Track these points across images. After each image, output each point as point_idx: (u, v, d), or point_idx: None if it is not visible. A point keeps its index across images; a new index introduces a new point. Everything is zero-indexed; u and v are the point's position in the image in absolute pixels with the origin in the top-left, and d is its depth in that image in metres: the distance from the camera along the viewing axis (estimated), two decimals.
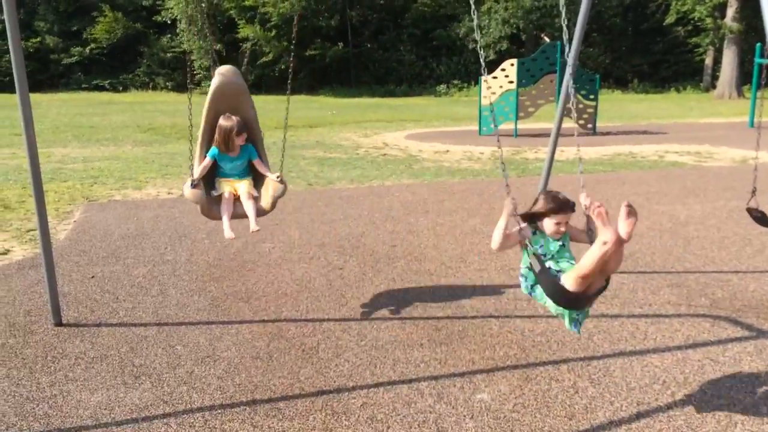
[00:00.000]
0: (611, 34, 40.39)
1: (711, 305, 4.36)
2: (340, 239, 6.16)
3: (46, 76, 38.21)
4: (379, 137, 15.78)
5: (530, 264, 2.80)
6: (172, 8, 37.02)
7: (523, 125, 16.51)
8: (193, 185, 4.12)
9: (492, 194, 8.38)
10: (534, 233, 2.90)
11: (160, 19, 38.60)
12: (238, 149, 4.37)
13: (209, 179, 4.44)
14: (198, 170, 4.27)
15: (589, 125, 16.54)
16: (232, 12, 36.46)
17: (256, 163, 4.47)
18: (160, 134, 15.77)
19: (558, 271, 2.78)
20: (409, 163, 11.27)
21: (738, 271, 5.09)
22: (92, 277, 5.03)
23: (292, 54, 4.62)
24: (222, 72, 4.32)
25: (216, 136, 4.29)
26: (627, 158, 11.82)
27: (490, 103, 3.14)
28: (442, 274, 5.11)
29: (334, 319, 4.16)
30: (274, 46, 35.61)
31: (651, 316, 4.17)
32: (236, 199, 4.35)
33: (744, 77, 32.72)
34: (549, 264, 2.82)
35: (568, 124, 17.21)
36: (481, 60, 2.80)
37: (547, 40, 37.11)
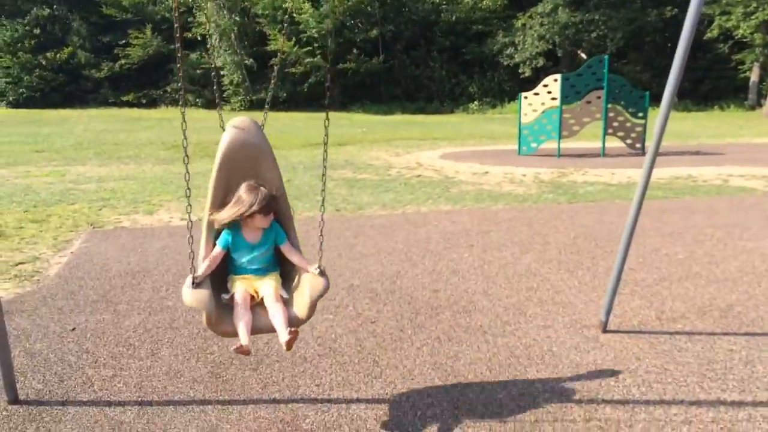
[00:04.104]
0: (650, 50, 39.15)
1: None
2: (371, 280, 5.23)
3: (77, 89, 38.31)
4: (412, 156, 14.88)
5: None
6: (204, 23, 36.84)
7: (566, 144, 15.47)
8: (196, 284, 2.88)
9: (544, 224, 7.37)
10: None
11: (189, 36, 38.51)
12: (261, 233, 3.13)
13: (218, 276, 3.10)
14: (203, 266, 3.01)
15: (638, 145, 15.44)
16: (265, 26, 36.11)
17: (285, 249, 3.15)
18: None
19: None
20: (446, 186, 10.33)
21: None
22: (73, 329, 4.16)
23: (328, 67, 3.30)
24: (237, 125, 3.12)
25: (231, 212, 3.02)
26: (687, 182, 10.70)
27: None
28: (498, 332, 4.13)
29: (365, 400, 3.21)
30: (306, 62, 35.13)
31: None
32: (257, 304, 3.03)
33: None
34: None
35: (613, 143, 16.14)
36: None
37: (584, 56, 35.98)
